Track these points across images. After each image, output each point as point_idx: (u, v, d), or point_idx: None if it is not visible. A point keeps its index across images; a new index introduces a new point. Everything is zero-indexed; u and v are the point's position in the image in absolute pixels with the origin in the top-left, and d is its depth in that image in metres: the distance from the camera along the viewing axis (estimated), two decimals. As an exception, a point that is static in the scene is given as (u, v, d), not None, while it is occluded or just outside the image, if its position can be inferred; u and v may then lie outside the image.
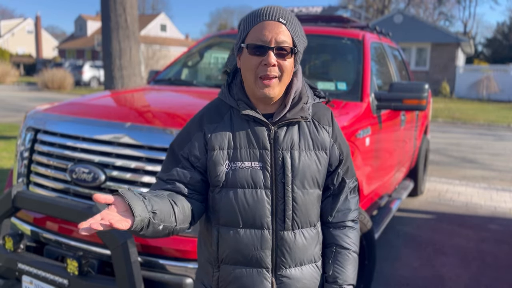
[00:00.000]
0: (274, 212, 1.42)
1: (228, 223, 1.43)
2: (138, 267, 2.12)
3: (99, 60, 33.60)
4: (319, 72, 3.98)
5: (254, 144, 1.41)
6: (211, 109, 1.49)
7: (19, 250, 2.44)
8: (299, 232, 1.45)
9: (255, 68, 1.37)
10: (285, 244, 1.43)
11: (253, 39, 1.37)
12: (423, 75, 25.05)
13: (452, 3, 47.04)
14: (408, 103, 3.40)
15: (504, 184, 7.09)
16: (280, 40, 1.35)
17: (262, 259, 1.43)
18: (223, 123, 1.44)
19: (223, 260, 1.46)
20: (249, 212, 1.40)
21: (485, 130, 13.66)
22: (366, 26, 4.39)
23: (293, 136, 1.44)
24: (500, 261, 4.08)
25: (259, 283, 1.43)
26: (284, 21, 1.37)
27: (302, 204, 1.43)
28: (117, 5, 7.06)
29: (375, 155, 3.39)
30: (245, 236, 1.42)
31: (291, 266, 1.45)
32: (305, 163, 1.43)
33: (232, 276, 1.45)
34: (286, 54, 1.37)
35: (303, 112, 1.44)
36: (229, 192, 1.40)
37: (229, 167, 1.40)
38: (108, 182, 2.37)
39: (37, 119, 2.77)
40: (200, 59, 4.44)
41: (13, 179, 2.84)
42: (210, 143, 1.42)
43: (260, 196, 1.40)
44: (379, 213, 3.92)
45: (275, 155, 1.41)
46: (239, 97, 1.45)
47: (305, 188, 1.43)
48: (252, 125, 1.42)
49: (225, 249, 1.44)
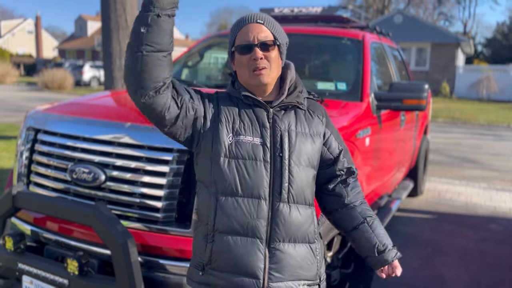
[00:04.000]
0: (271, 184, 1.53)
1: (227, 192, 1.52)
2: (138, 267, 2.12)
3: (99, 60, 33.61)
4: (319, 72, 3.98)
5: (256, 122, 1.56)
6: (224, 95, 1.66)
7: (19, 250, 2.44)
8: (294, 206, 1.55)
9: (247, 64, 1.56)
10: (280, 216, 1.52)
11: (239, 41, 1.58)
12: (423, 75, 25.04)
13: (452, 3, 47.04)
14: (408, 103, 3.40)
15: (504, 184, 7.09)
16: (262, 36, 1.56)
17: (257, 229, 1.51)
18: (232, 105, 1.61)
19: (218, 229, 1.52)
20: (248, 182, 1.51)
21: (485, 130, 13.66)
22: (366, 26, 4.39)
23: (290, 119, 1.60)
24: (500, 261, 4.08)
25: (253, 253, 1.50)
26: (262, 21, 1.58)
27: (298, 178, 1.55)
28: (117, 5, 7.06)
29: (375, 155, 3.39)
30: (243, 204, 1.51)
31: (284, 241, 1.53)
32: (301, 142, 1.57)
33: (226, 245, 1.51)
34: (269, 46, 1.57)
35: (299, 98, 1.63)
36: (232, 162, 1.52)
37: (232, 139, 1.53)
38: (108, 182, 2.37)
39: (37, 119, 2.78)
40: (200, 59, 4.44)
41: (13, 179, 2.84)
42: (220, 114, 1.57)
43: (260, 168, 1.52)
44: (379, 213, 3.92)
45: (273, 133, 1.56)
46: (239, 87, 1.62)
47: (301, 164, 1.56)
48: (254, 108, 1.59)
49: (222, 217, 1.52)
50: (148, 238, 2.27)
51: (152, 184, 2.29)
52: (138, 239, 2.24)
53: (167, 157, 2.26)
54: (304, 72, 3.86)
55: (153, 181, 2.29)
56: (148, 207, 2.29)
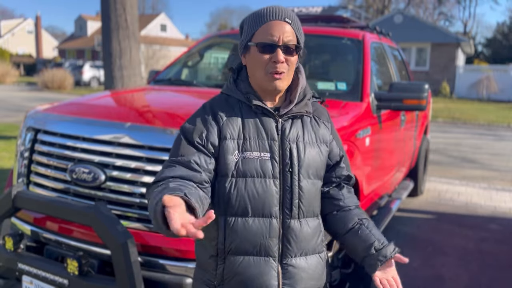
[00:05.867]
0: (281, 201, 1.47)
1: (237, 213, 1.45)
2: (138, 267, 2.11)
3: (99, 60, 33.60)
4: (319, 72, 3.98)
5: (263, 135, 1.47)
6: (221, 101, 1.54)
7: (19, 250, 2.44)
8: (304, 221, 1.50)
9: (265, 64, 1.45)
10: (292, 233, 1.48)
11: (262, 38, 1.45)
12: (423, 75, 25.05)
13: (452, 3, 47.07)
14: (408, 103, 3.40)
15: (504, 184, 7.09)
16: (287, 38, 1.45)
17: (270, 248, 1.46)
18: (234, 114, 1.50)
19: (230, 251, 1.46)
20: (258, 201, 1.44)
21: (485, 130, 13.66)
22: (366, 26, 4.39)
23: (298, 129, 1.51)
24: (500, 261, 4.08)
25: (266, 272, 1.46)
26: (290, 20, 1.47)
27: (308, 193, 1.50)
28: (117, 5, 7.06)
29: (375, 155, 3.39)
30: (254, 225, 1.45)
31: (296, 255, 1.49)
32: (309, 154, 1.50)
33: (239, 266, 1.46)
34: (292, 51, 1.47)
35: (307, 107, 1.54)
36: (239, 182, 1.44)
37: (239, 157, 1.45)
38: (108, 182, 2.37)
39: (37, 119, 2.77)
40: (200, 59, 4.44)
41: (13, 179, 2.84)
42: (223, 131, 1.46)
43: (269, 185, 1.45)
44: (379, 213, 3.92)
45: (282, 146, 1.48)
46: (247, 90, 1.51)
47: (310, 178, 1.51)
48: (261, 117, 1.49)
49: (233, 239, 1.45)
50: (148, 238, 2.27)
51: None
52: (138, 239, 2.24)
53: (167, 157, 2.26)
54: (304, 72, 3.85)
55: (153, 181, 2.28)
56: (148, 207, 2.28)
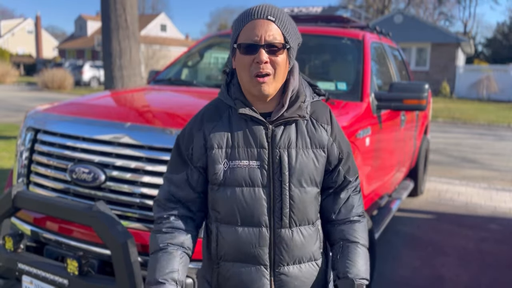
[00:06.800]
0: (271, 210, 1.43)
1: (226, 221, 1.45)
2: (138, 267, 2.11)
3: (99, 60, 33.59)
4: (319, 72, 3.98)
5: (252, 143, 1.42)
6: (211, 108, 1.51)
7: (19, 250, 2.44)
8: (296, 229, 1.46)
9: (249, 66, 1.38)
10: (283, 242, 1.44)
11: (244, 38, 1.39)
12: (423, 75, 25.04)
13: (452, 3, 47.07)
14: (408, 103, 3.40)
15: (504, 184, 7.09)
16: (270, 37, 1.37)
17: (260, 257, 1.44)
18: (222, 122, 1.45)
19: (222, 257, 1.48)
20: (247, 210, 1.42)
21: (485, 130, 13.65)
22: (366, 26, 4.39)
23: (290, 135, 1.44)
24: (500, 261, 4.08)
25: (258, 280, 1.45)
26: (273, 18, 1.38)
27: (300, 202, 1.44)
28: (117, 5, 7.06)
29: (375, 155, 3.39)
30: (244, 233, 1.43)
31: (289, 264, 1.46)
32: (302, 161, 1.43)
33: (230, 273, 1.47)
34: (277, 51, 1.38)
35: (300, 110, 1.45)
36: (227, 191, 1.42)
37: (227, 165, 1.42)
38: (108, 182, 2.37)
39: (37, 119, 2.77)
40: (200, 59, 4.44)
41: (13, 179, 2.83)
42: (209, 141, 1.44)
43: (258, 195, 1.41)
44: (379, 213, 3.92)
45: (272, 154, 1.42)
46: (236, 96, 1.46)
47: (302, 186, 1.44)
48: (250, 124, 1.43)
49: (223, 246, 1.46)
50: (148, 238, 2.26)
51: (152, 184, 2.29)
52: (138, 239, 2.24)
53: (167, 157, 2.26)
54: (304, 72, 3.86)
55: (153, 181, 2.28)
56: (148, 207, 2.28)
